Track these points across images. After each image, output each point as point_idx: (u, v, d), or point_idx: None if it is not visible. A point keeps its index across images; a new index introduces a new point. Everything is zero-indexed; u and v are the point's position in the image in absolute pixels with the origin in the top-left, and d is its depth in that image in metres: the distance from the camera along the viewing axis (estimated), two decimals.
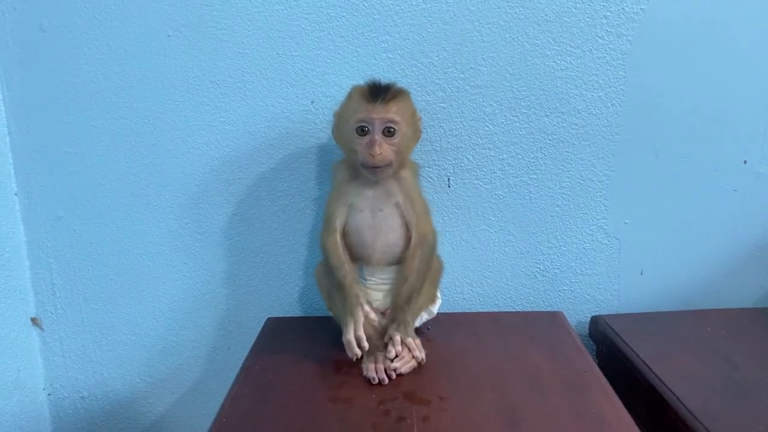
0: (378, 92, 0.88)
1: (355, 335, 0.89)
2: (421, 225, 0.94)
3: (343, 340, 0.91)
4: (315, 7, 1.03)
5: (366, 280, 0.97)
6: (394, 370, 0.88)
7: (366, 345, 0.89)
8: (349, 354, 0.90)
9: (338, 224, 0.94)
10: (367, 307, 0.93)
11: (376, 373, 0.87)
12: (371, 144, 0.87)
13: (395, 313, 0.93)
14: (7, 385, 1.10)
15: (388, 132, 0.88)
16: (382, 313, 0.95)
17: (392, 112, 0.88)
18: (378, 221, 0.93)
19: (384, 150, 0.88)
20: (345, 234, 0.95)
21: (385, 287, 0.97)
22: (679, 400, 0.84)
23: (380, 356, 0.90)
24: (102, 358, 1.19)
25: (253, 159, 1.09)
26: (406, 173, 0.94)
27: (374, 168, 0.88)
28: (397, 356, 0.90)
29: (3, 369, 1.09)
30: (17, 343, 1.13)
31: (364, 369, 0.89)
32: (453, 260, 1.13)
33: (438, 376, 0.90)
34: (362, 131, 0.89)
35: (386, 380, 0.87)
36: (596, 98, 1.06)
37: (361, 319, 0.91)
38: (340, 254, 0.94)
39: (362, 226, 0.93)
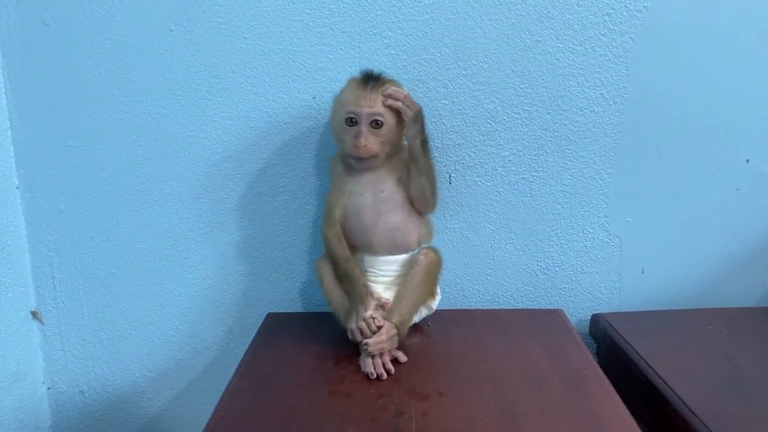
0: (368, 82, 0.91)
1: (366, 320, 0.90)
2: None
3: (351, 326, 0.92)
4: (317, 2, 1.03)
5: (366, 271, 0.97)
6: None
7: (382, 321, 0.91)
8: (356, 337, 0.92)
9: (339, 215, 0.95)
10: (376, 298, 0.93)
11: (374, 368, 0.87)
12: (357, 135, 0.89)
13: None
14: (6, 379, 1.10)
15: (376, 124, 0.90)
16: (382, 306, 0.95)
17: (379, 105, 0.89)
18: (379, 203, 0.94)
19: (369, 142, 0.89)
20: (345, 220, 0.95)
21: (386, 279, 0.97)
22: (679, 398, 0.84)
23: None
24: (102, 352, 1.19)
25: (254, 154, 1.09)
26: (402, 157, 0.95)
27: (359, 159, 0.90)
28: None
29: (3, 362, 1.09)
30: (17, 337, 1.13)
31: (361, 364, 0.89)
32: (453, 257, 1.12)
33: (437, 371, 0.90)
34: (351, 122, 0.90)
35: (384, 375, 0.87)
36: (598, 96, 1.06)
37: (372, 306, 0.92)
38: (345, 245, 0.95)
39: (363, 209, 0.94)
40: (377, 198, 0.94)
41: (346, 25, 1.04)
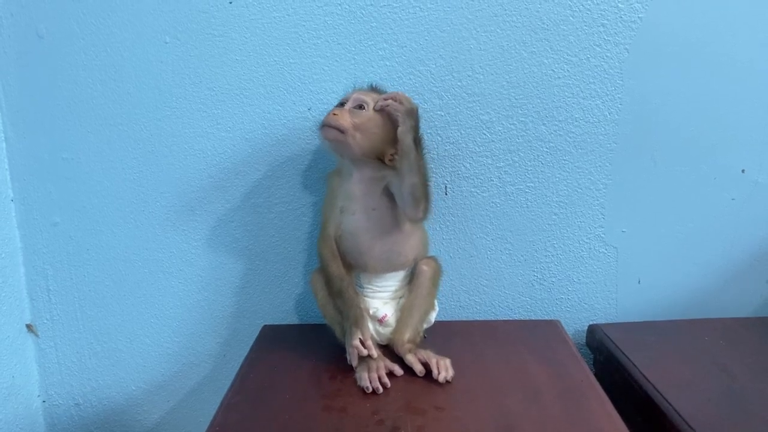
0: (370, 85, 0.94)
1: (365, 344, 0.89)
2: None
3: (348, 349, 0.91)
4: (312, 14, 1.03)
5: (363, 287, 0.97)
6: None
7: (375, 353, 0.90)
8: (353, 361, 0.91)
9: (332, 231, 0.95)
10: (369, 324, 0.94)
11: (370, 382, 0.87)
12: (337, 108, 0.90)
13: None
14: (1, 392, 1.10)
15: (359, 107, 0.90)
16: (379, 321, 0.95)
17: (369, 96, 0.90)
18: (373, 223, 0.93)
19: (344, 116, 0.88)
20: (340, 240, 0.94)
21: (384, 295, 0.97)
22: (675, 410, 0.83)
23: (374, 365, 0.89)
24: (97, 365, 1.19)
25: (249, 166, 1.09)
26: (389, 171, 0.93)
27: (327, 126, 0.88)
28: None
29: None
30: (12, 350, 1.13)
31: (357, 378, 0.89)
32: (450, 268, 1.12)
33: (433, 385, 0.89)
34: (341, 105, 0.91)
35: (380, 389, 0.86)
36: (594, 106, 1.06)
37: (368, 330, 0.92)
38: (339, 262, 0.94)
39: (357, 229, 0.93)
40: (370, 217, 0.93)
41: (341, 36, 1.04)
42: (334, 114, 0.88)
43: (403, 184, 0.89)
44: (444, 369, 0.89)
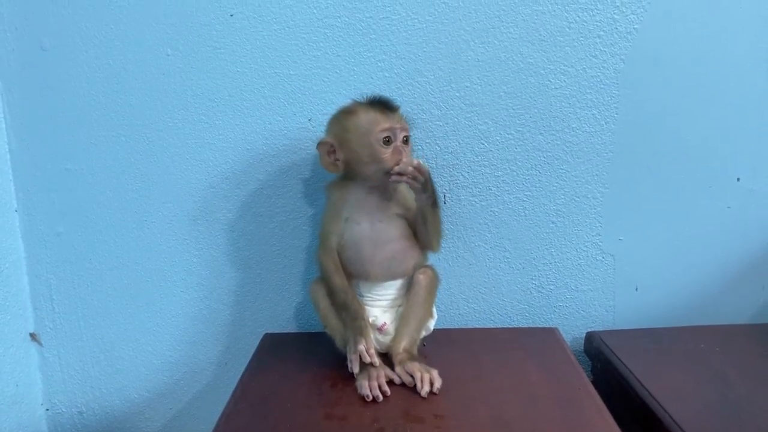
0: (388, 103, 0.92)
1: (368, 353, 0.90)
2: None
3: (350, 357, 0.92)
4: (312, 26, 1.04)
5: (363, 296, 0.98)
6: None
7: (377, 361, 0.91)
8: (354, 369, 0.91)
9: (335, 242, 0.96)
10: (372, 323, 0.95)
11: (370, 390, 0.88)
12: (398, 152, 0.90)
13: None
14: (5, 401, 1.11)
15: (405, 140, 0.92)
16: (379, 329, 0.96)
17: (404, 122, 0.92)
18: (377, 233, 0.94)
19: (410, 156, 0.91)
20: (342, 249, 0.95)
21: (383, 303, 0.97)
22: (672, 417, 0.84)
23: (374, 373, 0.90)
24: (100, 373, 1.20)
25: (250, 176, 1.10)
26: (407, 203, 0.96)
27: (403, 174, 0.88)
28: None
29: (1, 384, 1.10)
30: (16, 359, 1.14)
31: (358, 386, 0.90)
32: (449, 276, 1.13)
33: (432, 393, 0.90)
34: (387, 141, 0.90)
35: (380, 397, 0.87)
36: (590, 116, 1.07)
37: (372, 339, 0.93)
38: (342, 274, 0.95)
39: (361, 238, 0.94)
40: (375, 227, 0.94)
41: (341, 48, 1.05)
42: (406, 157, 0.89)
43: (420, 235, 0.95)
44: (427, 383, 0.89)
